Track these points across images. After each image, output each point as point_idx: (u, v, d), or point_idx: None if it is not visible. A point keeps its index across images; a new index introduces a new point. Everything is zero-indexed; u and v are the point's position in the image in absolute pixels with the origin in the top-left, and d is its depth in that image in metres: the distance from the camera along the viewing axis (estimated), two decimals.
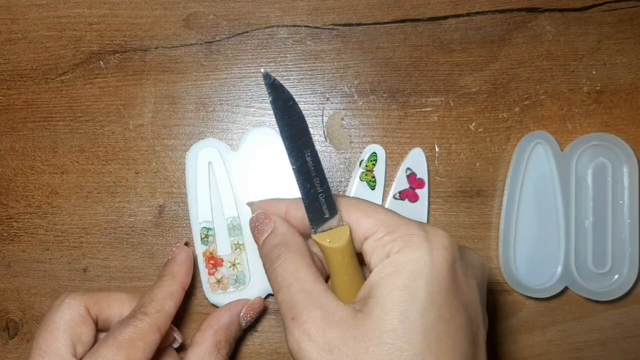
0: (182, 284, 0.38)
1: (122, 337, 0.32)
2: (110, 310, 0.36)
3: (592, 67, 0.44)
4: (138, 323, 0.33)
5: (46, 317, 0.34)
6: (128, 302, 0.37)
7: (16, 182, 0.45)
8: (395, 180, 0.44)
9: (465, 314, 0.28)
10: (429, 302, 0.26)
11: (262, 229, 0.33)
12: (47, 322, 0.34)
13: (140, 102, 0.44)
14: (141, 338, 0.32)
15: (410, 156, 0.44)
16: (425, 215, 0.43)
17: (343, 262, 0.30)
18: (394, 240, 0.28)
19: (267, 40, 0.44)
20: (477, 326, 0.29)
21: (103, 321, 0.36)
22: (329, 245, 0.30)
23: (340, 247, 0.30)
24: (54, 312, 0.34)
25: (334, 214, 0.30)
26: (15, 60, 0.45)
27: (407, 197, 0.43)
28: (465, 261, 0.29)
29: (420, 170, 0.43)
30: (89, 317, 0.35)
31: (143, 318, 0.34)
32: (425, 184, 0.43)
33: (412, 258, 0.27)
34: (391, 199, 0.44)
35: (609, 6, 0.44)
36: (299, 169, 0.30)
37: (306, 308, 0.28)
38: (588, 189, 0.43)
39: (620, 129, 0.44)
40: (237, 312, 0.39)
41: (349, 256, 0.30)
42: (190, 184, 0.43)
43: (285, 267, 0.30)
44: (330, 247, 0.30)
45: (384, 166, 0.43)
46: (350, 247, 0.30)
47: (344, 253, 0.30)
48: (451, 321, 0.27)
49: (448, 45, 0.44)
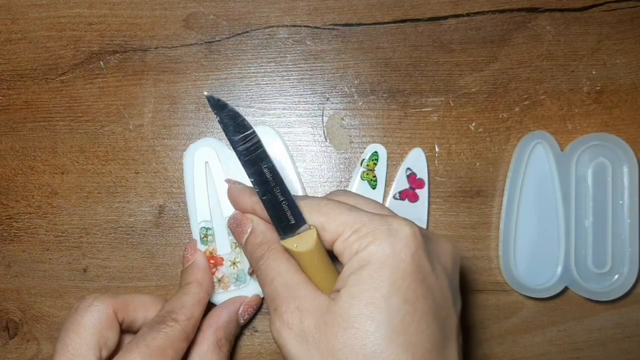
0: (208, 291, 0.39)
1: (154, 343, 0.32)
2: (135, 313, 0.36)
3: (592, 67, 0.44)
4: (169, 330, 0.33)
5: (72, 317, 0.34)
6: (152, 305, 0.37)
7: (16, 182, 0.45)
8: (395, 180, 0.44)
9: (432, 299, 0.29)
10: (394, 288, 0.28)
11: (242, 230, 0.34)
12: (74, 323, 0.34)
13: (140, 102, 0.44)
14: (171, 345, 0.33)
15: (410, 156, 0.44)
16: (425, 215, 0.43)
17: (313, 263, 0.31)
18: (360, 238, 0.29)
19: (267, 40, 0.44)
20: (447, 311, 0.30)
21: (127, 324, 0.36)
22: (296, 250, 0.31)
23: (309, 251, 0.31)
24: (81, 314, 0.34)
25: (300, 220, 0.31)
26: (15, 60, 0.45)
27: (407, 197, 0.43)
28: (431, 248, 0.30)
29: (420, 170, 0.43)
30: (116, 320, 0.35)
31: (174, 325, 0.34)
32: (425, 184, 0.43)
33: (376, 251, 0.29)
34: (391, 199, 0.44)
35: (609, 6, 0.44)
36: (257, 181, 0.31)
37: (286, 299, 0.30)
38: (588, 189, 0.43)
39: (620, 129, 0.44)
40: (235, 309, 0.40)
41: (319, 257, 0.31)
42: (188, 184, 0.43)
43: (267, 264, 0.32)
44: (299, 252, 0.31)
45: (385, 166, 0.43)
46: (320, 249, 0.31)
47: (313, 255, 0.31)
48: (417, 305, 0.28)
49: (448, 45, 0.44)
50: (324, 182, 0.44)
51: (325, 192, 0.44)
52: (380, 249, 0.29)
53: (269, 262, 0.32)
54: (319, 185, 0.44)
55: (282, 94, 0.44)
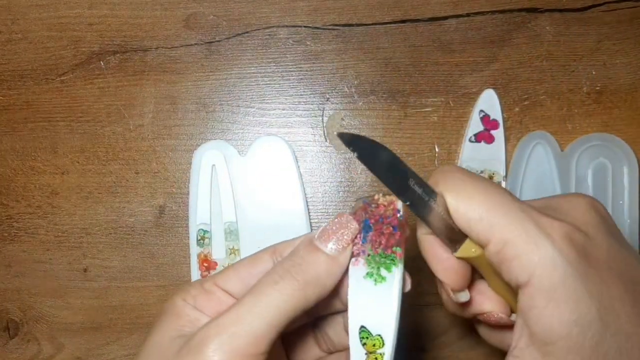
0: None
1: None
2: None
3: (592, 67, 0.44)
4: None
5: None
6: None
7: (16, 182, 0.45)
8: (469, 122, 0.43)
9: (620, 282, 0.25)
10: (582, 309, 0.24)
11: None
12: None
13: (140, 103, 0.44)
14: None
15: (482, 98, 0.43)
16: (503, 155, 0.43)
17: (487, 264, 0.27)
18: (512, 258, 0.25)
19: (267, 41, 0.44)
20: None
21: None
22: (475, 254, 0.27)
23: (483, 253, 0.26)
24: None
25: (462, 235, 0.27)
26: (15, 61, 0.45)
27: (482, 139, 0.43)
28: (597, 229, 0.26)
29: (493, 111, 0.43)
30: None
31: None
32: (500, 125, 0.43)
33: (541, 274, 0.24)
34: (467, 142, 0.43)
35: (608, 6, 0.44)
36: (414, 203, 0.27)
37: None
38: (588, 189, 0.43)
39: (620, 129, 0.44)
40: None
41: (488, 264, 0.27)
42: (192, 185, 0.43)
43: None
44: (477, 256, 0.27)
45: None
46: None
47: (484, 257, 0.27)
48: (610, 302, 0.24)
49: (448, 45, 0.44)
50: (324, 182, 0.44)
51: (325, 192, 0.44)
52: (543, 268, 0.24)
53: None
54: (319, 185, 0.44)
55: (282, 94, 0.44)
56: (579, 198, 0.27)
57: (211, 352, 0.24)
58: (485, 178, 0.26)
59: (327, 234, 0.27)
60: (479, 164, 0.43)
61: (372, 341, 0.26)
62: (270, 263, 0.29)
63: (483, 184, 0.26)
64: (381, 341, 0.26)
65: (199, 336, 0.25)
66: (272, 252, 0.29)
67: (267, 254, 0.29)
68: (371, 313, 0.26)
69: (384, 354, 0.26)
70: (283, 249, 0.29)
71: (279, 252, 0.29)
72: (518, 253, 0.24)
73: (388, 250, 0.27)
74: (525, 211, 0.25)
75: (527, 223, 0.25)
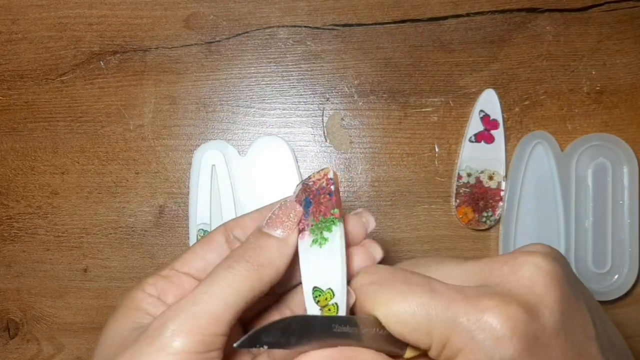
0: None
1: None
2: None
3: (592, 68, 0.44)
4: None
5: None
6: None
7: (16, 182, 0.45)
8: (469, 122, 0.43)
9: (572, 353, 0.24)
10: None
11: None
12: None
13: (140, 103, 0.44)
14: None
15: (482, 98, 0.43)
16: (503, 155, 0.43)
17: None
18: (455, 356, 0.24)
19: (267, 41, 0.44)
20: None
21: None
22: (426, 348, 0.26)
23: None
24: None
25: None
26: (15, 61, 0.45)
27: (482, 139, 0.43)
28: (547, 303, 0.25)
29: (493, 111, 0.43)
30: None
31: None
32: (500, 125, 0.43)
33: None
34: (467, 142, 0.43)
35: (609, 6, 0.44)
36: (349, 340, 0.25)
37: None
38: (588, 189, 0.43)
39: (620, 129, 0.44)
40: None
41: None
42: (192, 185, 0.43)
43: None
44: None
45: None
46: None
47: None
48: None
49: (448, 45, 0.44)
50: None
51: None
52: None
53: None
54: None
55: (282, 94, 0.44)
56: (524, 262, 0.25)
57: (169, 334, 0.24)
58: (408, 272, 0.26)
59: (273, 222, 0.28)
60: (479, 164, 0.43)
61: (324, 295, 0.26)
62: (223, 239, 0.30)
63: (408, 287, 0.25)
64: (332, 293, 0.26)
65: (157, 321, 0.25)
66: (223, 230, 0.30)
67: (219, 232, 0.30)
68: (320, 273, 0.27)
69: (337, 304, 0.26)
70: (233, 226, 0.30)
71: (230, 228, 0.30)
72: (460, 348, 0.24)
73: (327, 215, 0.27)
74: (459, 305, 0.24)
75: (461, 318, 0.24)
